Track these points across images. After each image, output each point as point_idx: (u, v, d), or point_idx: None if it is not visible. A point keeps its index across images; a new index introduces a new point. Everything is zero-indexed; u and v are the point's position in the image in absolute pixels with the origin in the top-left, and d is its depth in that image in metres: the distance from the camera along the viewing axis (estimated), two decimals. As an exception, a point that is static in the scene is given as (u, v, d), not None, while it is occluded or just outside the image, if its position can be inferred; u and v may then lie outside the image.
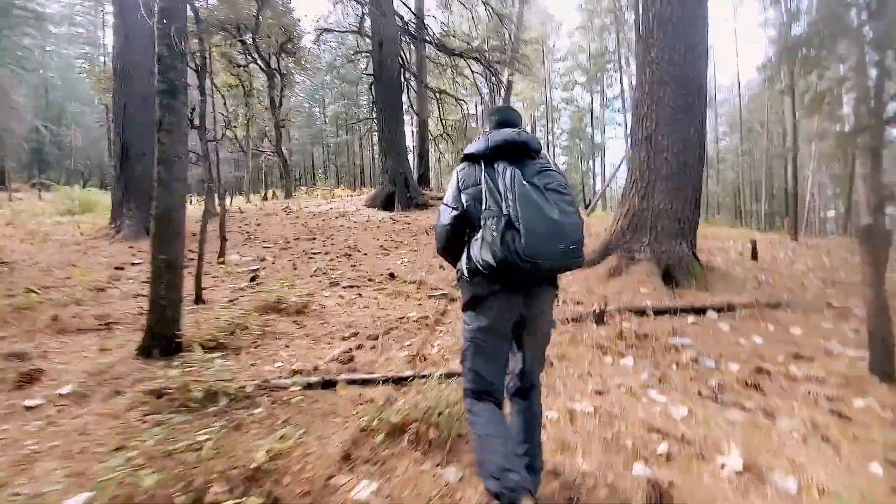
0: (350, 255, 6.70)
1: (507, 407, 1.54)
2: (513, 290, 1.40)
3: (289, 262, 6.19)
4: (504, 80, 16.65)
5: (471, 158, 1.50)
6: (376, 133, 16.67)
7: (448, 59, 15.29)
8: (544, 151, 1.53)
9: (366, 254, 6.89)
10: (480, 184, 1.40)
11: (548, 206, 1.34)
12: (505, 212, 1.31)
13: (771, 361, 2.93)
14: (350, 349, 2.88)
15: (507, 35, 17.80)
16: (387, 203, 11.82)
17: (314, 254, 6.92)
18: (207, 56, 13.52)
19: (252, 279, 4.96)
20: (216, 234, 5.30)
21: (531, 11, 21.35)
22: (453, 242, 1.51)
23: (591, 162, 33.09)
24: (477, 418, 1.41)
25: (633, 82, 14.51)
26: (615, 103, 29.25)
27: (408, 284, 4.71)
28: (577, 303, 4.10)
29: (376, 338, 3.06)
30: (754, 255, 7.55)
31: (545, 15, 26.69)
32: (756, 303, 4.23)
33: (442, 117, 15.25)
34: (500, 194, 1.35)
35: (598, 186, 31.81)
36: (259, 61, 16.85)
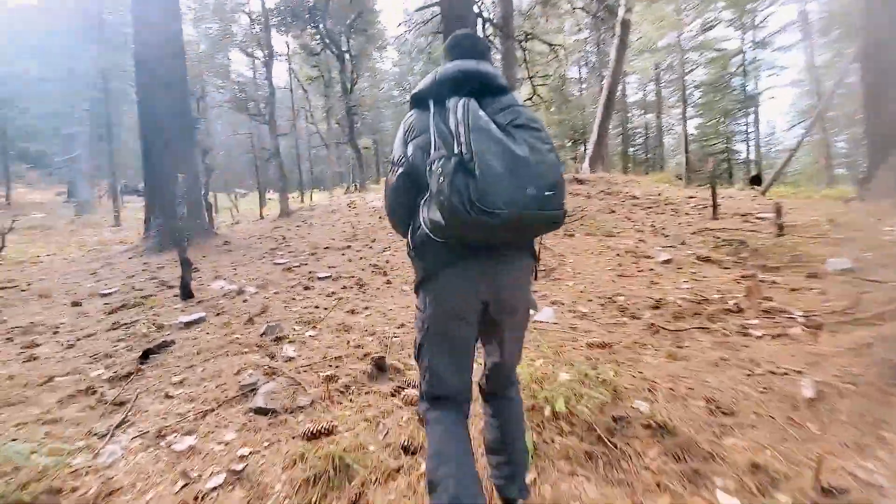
0: (363, 287, 4.22)
1: (481, 408, 1.23)
2: (472, 259, 1.05)
3: (267, 298, 3.98)
4: (619, 14, 12.01)
5: (418, 101, 1.15)
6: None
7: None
8: (515, 93, 1.15)
9: (390, 282, 4.34)
10: (429, 130, 1.05)
11: (511, 141, 0.97)
12: (456, 151, 0.95)
13: None
14: None
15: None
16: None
17: (322, 279, 4.64)
18: (267, 44, 12.41)
19: (144, 356, 2.74)
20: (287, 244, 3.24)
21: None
22: (405, 208, 1.14)
23: (742, 121, 24.62)
24: (432, 429, 1.12)
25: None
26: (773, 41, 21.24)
27: (401, 386, 2.02)
28: None
29: None
30: None
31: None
32: None
33: (530, 74, 11.78)
34: (452, 133, 0.98)
35: (753, 155, 24.06)
36: (330, 44, 15.49)
